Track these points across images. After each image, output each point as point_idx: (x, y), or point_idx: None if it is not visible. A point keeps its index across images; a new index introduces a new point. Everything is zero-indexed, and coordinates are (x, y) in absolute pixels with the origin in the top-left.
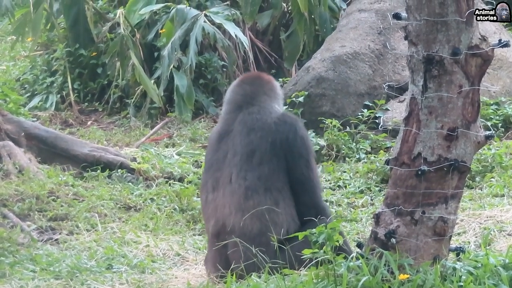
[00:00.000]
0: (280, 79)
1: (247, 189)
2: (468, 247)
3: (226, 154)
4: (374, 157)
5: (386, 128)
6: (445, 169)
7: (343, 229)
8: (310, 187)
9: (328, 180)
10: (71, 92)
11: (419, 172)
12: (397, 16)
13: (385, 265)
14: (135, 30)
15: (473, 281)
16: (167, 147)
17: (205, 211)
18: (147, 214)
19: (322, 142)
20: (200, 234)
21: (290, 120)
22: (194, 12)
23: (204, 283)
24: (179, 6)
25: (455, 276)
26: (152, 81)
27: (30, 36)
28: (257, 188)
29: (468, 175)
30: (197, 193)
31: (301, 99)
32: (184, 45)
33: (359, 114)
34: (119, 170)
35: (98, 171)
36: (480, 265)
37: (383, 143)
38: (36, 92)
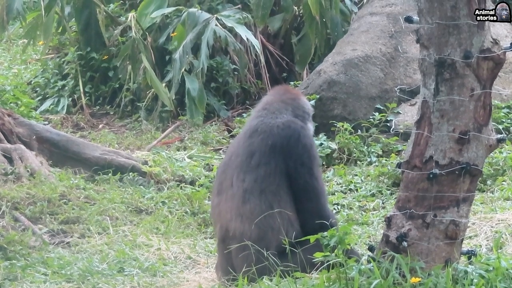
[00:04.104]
0: (292, 83)
1: (245, 192)
2: (479, 250)
3: (231, 156)
4: (386, 160)
5: (397, 131)
6: (456, 172)
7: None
8: (314, 195)
9: (340, 184)
10: (82, 95)
11: (431, 175)
12: (409, 20)
13: (396, 268)
14: (147, 33)
15: (484, 285)
16: (178, 150)
17: (213, 215)
18: (158, 217)
19: (333, 145)
20: (212, 237)
21: (294, 126)
22: (206, 15)
23: (215, 287)
24: (191, 10)
25: (466, 279)
26: (164, 84)
27: (42, 39)
28: (253, 190)
29: (480, 178)
30: (209, 196)
31: (312, 102)
32: (195, 49)
33: (371, 117)
34: (130, 173)
35: (110, 174)
36: (491, 269)
37: (394, 147)
38: (47, 96)
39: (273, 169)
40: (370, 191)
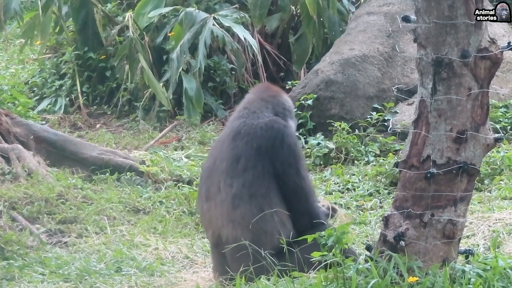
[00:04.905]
0: (289, 82)
1: (234, 198)
2: (477, 249)
3: (215, 161)
4: (383, 160)
5: (395, 131)
6: (454, 171)
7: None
8: (303, 196)
9: (337, 183)
10: (80, 95)
11: (428, 175)
12: (406, 19)
13: (394, 267)
14: (144, 33)
15: (482, 284)
16: (176, 150)
17: (203, 221)
18: (156, 217)
19: (331, 145)
20: None
21: (278, 126)
22: (203, 15)
23: (212, 286)
24: (188, 9)
25: (464, 278)
26: (161, 84)
27: (39, 39)
28: (243, 195)
29: (477, 177)
30: None
31: (310, 102)
32: (193, 48)
33: (368, 117)
34: (128, 173)
35: (107, 174)
36: (489, 268)
37: (392, 146)
38: (45, 95)
39: (261, 172)
40: (367, 190)
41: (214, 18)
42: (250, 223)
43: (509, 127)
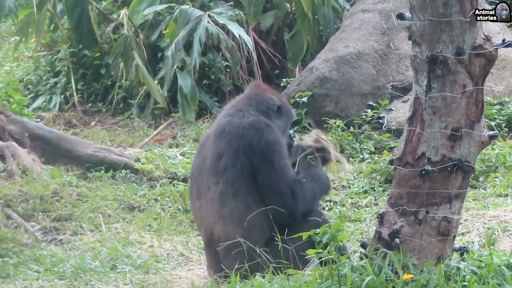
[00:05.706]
0: (284, 80)
1: (221, 195)
2: (472, 247)
3: (204, 159)
4: (378, 157)
5: (389, 128)
6: (449, 169)
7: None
8: (277, 189)
9: (332, 180)
10: (74, 92)
11: (423, 172)
12: (401, 16)
13: (389, 265)
14: (139, 30)
15: (477, 281)
16: (170, 147)
17: (195, 219)
18: (151, 215)
19: None
20: None
21: (259, 126)
22: (198, 12)
23: (208, 284)
24: (183, 7)
25: (459, 276)
26: (156, 81)
27: (34, 36)
28: (228, 192)
29: (472, 175)
30: None
31: (304, 99)
32: (187, 46)
33: (363, 114)
34: (123, 171)
35: (102, 171)
36: (484, 265)
37: (386, 143)
38: (39, 93)
39: (240, 171)
40: (362, 188)
41: (209, 16)
42: (239, 219)
43: (504, 124)
